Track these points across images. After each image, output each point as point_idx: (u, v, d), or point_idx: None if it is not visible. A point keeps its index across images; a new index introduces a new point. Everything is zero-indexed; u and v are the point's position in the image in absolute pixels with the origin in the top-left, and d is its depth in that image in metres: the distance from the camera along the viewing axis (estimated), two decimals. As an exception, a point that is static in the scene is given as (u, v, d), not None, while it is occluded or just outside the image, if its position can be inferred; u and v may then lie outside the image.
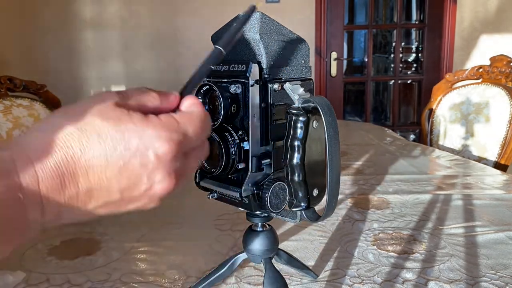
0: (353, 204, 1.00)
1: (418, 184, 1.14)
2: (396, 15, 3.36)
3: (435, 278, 0.67)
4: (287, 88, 0.49)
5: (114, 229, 0.88)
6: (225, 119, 0.48)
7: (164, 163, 0.30)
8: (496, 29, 3.12)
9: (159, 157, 0.29)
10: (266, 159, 0.50)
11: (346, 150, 1.55)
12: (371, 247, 0.78)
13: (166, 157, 0.30)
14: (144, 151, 0.29)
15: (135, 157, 0.29)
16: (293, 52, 0.51)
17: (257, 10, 0.35)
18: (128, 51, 3.14)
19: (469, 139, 1.75)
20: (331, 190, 0.48)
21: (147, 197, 0.31)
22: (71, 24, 3.10)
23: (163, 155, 0.30)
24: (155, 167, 0.30)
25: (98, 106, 0.29)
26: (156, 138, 0.29)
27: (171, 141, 0.30)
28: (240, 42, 0.49)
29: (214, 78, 0.51)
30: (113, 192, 0.30)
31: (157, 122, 0.30)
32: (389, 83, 3.65)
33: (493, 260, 0.73)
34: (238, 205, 0.52)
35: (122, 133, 0.29)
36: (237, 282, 0.67)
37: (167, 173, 0.30)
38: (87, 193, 0.29)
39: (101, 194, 0.29)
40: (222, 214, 0.94)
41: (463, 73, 1.84)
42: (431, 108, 1.92)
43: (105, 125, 0.29)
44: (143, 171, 0.30)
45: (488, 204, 0.99)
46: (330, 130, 0.46)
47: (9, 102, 1.56)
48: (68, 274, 0.70)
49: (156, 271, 0.71)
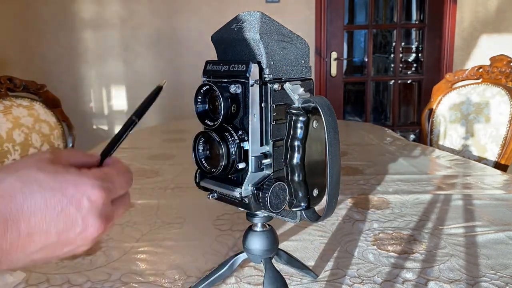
0: (353, 204, 1.00)
1: (418, 184, 1.14)
2: (396, 15, 3.36)
3: (435, 278, 0.67)
4: (287, 88, 0.49)
5: (114, 229, 0.88)
6: (225, 119, 0.48)
7: (96, 208, 0.34)
8: (496, 29, 3.12)
9: (92, 202, 0.34)
10: (266, 159, 0.50)
11: (346, 150, 1.55)
12: (371, 247, 0.78)
13: (98, 202, 0.34)
14: (80, 198, 0.33)
15: (71, 203, 0.33)
16: (293, 52, 0.51)
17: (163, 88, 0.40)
18: (128, 51, 3.14)
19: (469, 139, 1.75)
20: (331, 190, 0.48)
21: (80, 239, 0.34)
22: (71, 24, 3.10)
23: (96, 200, 0.34)
24: (89, 211, 0.34)
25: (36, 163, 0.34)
26: (90, 186, 0.34)
27: (102, 188, 0.34)
28: (240, 42, 0.49)
29: (214, 78, 0.51)
30: (51, 235, 0.33)
31: (90, 173, 0.35)
32: (389, 83, 3.65)
33: (493, 260, 0.73)
34: (238, 205, 0.52)
35: (60, 183, 0.33)
36: (237, 282, 0.67)
37: (98, 216, 0.34)
38: (28, 237, 0.32)
39: (41, 238, 0.32)
40: (222, 214, 0.94)
41: (463, 73, 1.84)
42: (431, 108, 1.92)
43: (44, 176, 0.33)
44: (78, 215, 0.33)
45: (488, 204, 0.99)
46: (330, 130, 0.46)
47: (9, 102, 1.56)
48: (68, 274, 0.70)
49: (156, 271, 0.71)
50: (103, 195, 0.34)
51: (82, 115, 3.15)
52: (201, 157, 0.51)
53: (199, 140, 0.51)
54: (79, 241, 0.34)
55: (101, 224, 0.35)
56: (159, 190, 1.12)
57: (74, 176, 0.34)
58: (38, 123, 1.61)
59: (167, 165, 1.35)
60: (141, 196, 1.07)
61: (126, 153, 1.53)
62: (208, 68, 0.52)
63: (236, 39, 0.49)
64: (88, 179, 0.34)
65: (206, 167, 0.51)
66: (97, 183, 0.34)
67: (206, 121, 0.50)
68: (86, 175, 0.35)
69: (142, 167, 1.34)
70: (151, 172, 1.28)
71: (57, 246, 0.34)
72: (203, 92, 0.50)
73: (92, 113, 3.24)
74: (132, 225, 0.90)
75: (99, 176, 0.35)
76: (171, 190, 1.12)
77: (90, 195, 0.34)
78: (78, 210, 0.33)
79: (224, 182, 0.52)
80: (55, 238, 0.33)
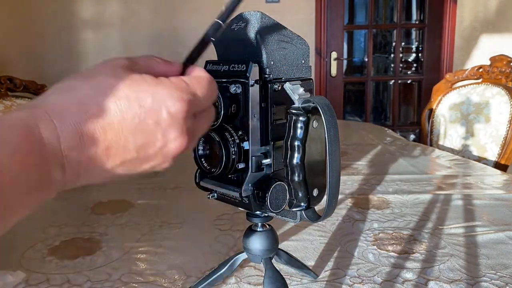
0: (353, 204, 1.00)
1: (418, 184, 1.14)
2: (396, 15, 3.36)
3: (435, 278, 0.67)
4: (287, 88, 0.49)
5: (114, 229, 0.88)
6: (225, 119, 0.48)
7: (177, 121, 0.31)
8: (496, 29, 3.12)
9: (172, 115, 0.31)
10: (266, 159, 0.50)
11: (346, 150, 1.55)
12: (371, 247, 0.78)
13: (178, 115, 0.31)
14: (158, 110, 0.30)
15: (150, 115, 0.30)
16: (293, 52, 0.51)
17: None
18: (128, 51, 3.14)
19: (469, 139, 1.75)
20: (331, 190, 0.48)
21: (161, 155, 0.32)
22: (71, 24, 3.10)
23: (176, 113, 0.31)
24: (169, 125, 0.31)
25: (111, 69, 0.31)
26: (169, 97, 0.30)
27: (183, 100, 0.31)
28: (240, 42, 0.49)
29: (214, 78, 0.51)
30: (129, 150, 0.30)
31: (168, 83, 0.31)
32: (389, 83, 3.65)
33: (493, 260, 0.73)
34: (238, 205, 0.52)
35: (136, 93, 0.30)
36: (237, 282, 0.67)
37: (180, 130, 0.31)
38: (106, 151, 0.29)
39: (119, 152, 0.30)
40: (222, 214, 0.94)
41: (463, 73, 1.84)
42: (431, 108, 1.92)
43: (120, 85, 0.30)
44: (157, 129, 0.30)
45: (488, 204, 0.99)
46: (330, 130, 0.46)
47: (9, 102, 1.56)
48: (68, 274, 0.70)
49: (156, 271, 0.71)
50: (184, 107, 0.31)
51: (82, 115, 3.15)
52: (201, 157, 0.51)
53: (199, 140, 0.51)
54: (160, 157, 0.32)
55: (183, 139, 0.32)
56: (159, 190, 1.12)
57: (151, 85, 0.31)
58: (38, 123, 1.61)
59: (167, 165, 1.35)
60: (141, 196, 1.07)
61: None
62: (208, 68, 0.52)
63: (236, 39, 0.49)
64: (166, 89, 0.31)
65: (206, 167, 0.51)
66: (177, 94, 0.31)
67: (206, 121, 0.50)
68: (165, 84, 0.31)
69: (142, 167, 1.34)
70: (151, 172, 1.28)
71: (137, 162, 0.32)
72: (203, 92, 0.50)
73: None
74: (132, 225, 0.90)
75: (180, 86, 0.32)
76: (171, 190, 1.12)
77: (169, 106, 0.30)
78: (157, 123, 0.30)
79: (224, 182, 0.52)
80: (134, 154, 0.31)
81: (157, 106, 0.30)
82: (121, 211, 0.97)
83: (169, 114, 0.30)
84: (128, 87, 0.30)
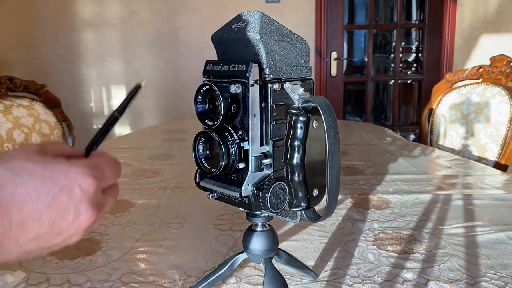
0: (353, 204, 1.00)
1: (418, 184, 1.14)
2: (396, 15, 3.36)
3: (435, 278, 0.67)
4: (287, 88, 0.49)
5: (114, 229, 0.88)
6: (225, 119, 0.48)
7: (88, 196, 0.34)
8: (496, 29, 3.12)
9: (84, 190, 0.34)
10: (266, 159, 0.50)
11: (346, 150, 1.55)
12: (371, 247, 0.78)
13: (90, 190, 0.34)
14: (71, 186, 0.33)
15: (63, 191, 0.33)
16: (293, 52, 0.51)
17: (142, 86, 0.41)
18: (128, 51, 3.14)
19: (469, 139, 1.75)
20: (331, 190, 0.48)
21: (73, 227, 0.34)
22: (71, 24, 3.10)
23: (88, 188, 0.34)
24: (81, 199, 0.34)
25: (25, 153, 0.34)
26: (81, 174, 0.34)
27: (93, 177, 0.34)
28: (240, 42, 0.49)
29: (214, 78, 0.51)
30: (43, 224, 0.32)
31: (79, 162, 0.35)
32: (389, 83, 3.65)
33: (493, 260, 0.73)
34: (238, 205, 0.52)
35: (50, 172, 0.33)
36: (237, 282, 0.67)
37: (90, 204, 0.34)
38: (20, 226, 0.31)
39: (33, 227, 0.32)
40: (222, 214, 0.94)
41: (463, 73, 1.84)
42: (431, 108, 1.92)
43: (34, 166, 0.33)
44: (70, 203, 0.33)
45: (488, 204, 0.99)
46: (330, 130, 0.46)
47: (9, 102, 1.56)
48: (68, 274, 0.70)
49: (156, 271, 0.71)
50: (94, 183, 0.34)
51: (82, 115, 3.15)
52: (201, 157, 0.51)
53: (199, 140, 0.51)
54: (72, 230, 0.34)
55: (93, 212, 0.34)
56: (159, 190, 1.12)
57: (64, 165, 0.34)
58: (38, 123, 1.61)
59: (167, 165, 1.35)
60: (141, 196, 1.07)
61: (126, 153, 1.53)
62: (208, 68, 0.52)
63: (236, 39, 0.49)
64: (78, 168, 0.34)
65: (206, 167, 0.51)
66: (88, 171, 0.34)
67: (206, 121, 0.50)
68: (76, 164, 0.34)
69: (142, 167, 1.34)
70: (151, 172, 1.28)
71: (50, 235, 0.33)
72: (203, 92, 0.50)
73: (92, 113, 3.24)
74: (132, 225, 0.90)
75: (89, 165, 0.35)
76: (171, 190, 1.12)
77: (81, 183, 0.34)
78: (70, 198, 0.33)
79: (224, 182, 0.52)
80: (48, 227, 0.33)
81: (70, 183, 0.33)
82: (121, 211, 0.97)
83: (81, 190, 0.34)
84: (42, 168, 0.33)
